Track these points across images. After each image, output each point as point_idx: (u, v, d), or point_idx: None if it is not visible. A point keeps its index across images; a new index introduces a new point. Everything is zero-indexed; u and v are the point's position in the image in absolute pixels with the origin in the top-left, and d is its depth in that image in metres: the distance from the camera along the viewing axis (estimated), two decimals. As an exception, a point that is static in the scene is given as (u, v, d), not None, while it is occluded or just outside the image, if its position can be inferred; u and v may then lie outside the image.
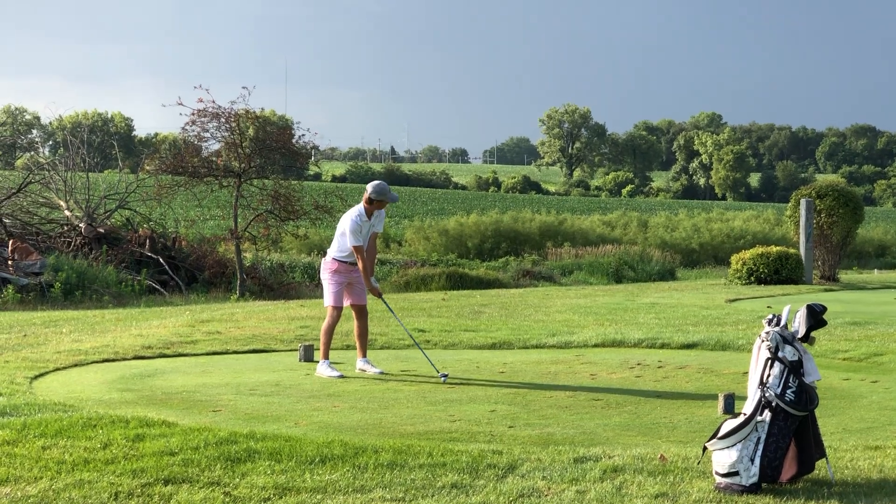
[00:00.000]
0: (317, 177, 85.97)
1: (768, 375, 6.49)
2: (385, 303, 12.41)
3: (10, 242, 26.81)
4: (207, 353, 13.09)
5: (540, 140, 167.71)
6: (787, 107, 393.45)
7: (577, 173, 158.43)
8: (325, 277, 11.65)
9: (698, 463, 6.84)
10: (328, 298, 11.61)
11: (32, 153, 41.06)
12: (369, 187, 11.49)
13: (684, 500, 6.13)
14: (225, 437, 7.41)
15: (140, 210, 32.57)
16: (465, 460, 6.89)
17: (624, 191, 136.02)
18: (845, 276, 31.59)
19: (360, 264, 11.42)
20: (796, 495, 6.27)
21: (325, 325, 11.64)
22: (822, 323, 6.65)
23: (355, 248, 11.34)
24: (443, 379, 10.86)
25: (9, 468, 6.68)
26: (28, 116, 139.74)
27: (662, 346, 13.71)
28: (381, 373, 11.45)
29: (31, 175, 31.78)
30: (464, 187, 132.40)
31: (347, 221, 11.42)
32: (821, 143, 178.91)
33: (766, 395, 6.46)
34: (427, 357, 11.63)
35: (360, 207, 11.50)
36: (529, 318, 17.24)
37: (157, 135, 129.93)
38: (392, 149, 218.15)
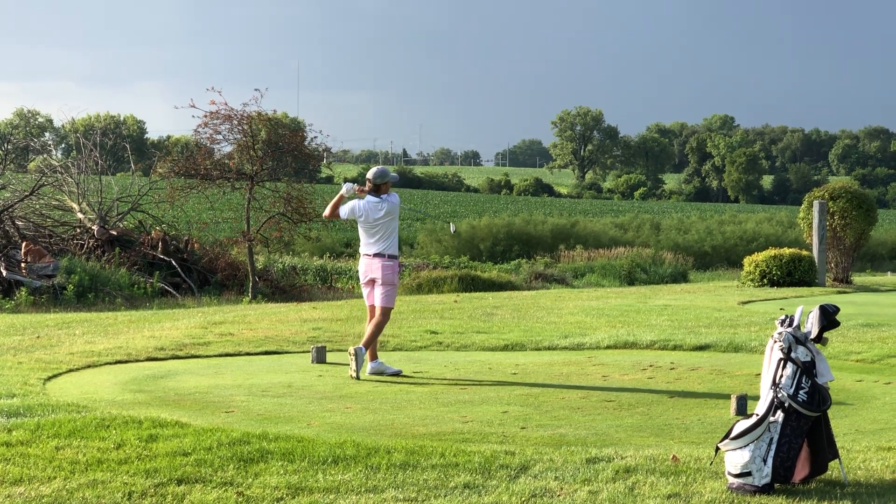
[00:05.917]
0: (329, 179, 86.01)
1: (781, 376, 6.49)
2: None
3: (23, 245, 26.89)
4: (220, 355, 13.11)
5: (552, 142, 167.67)
6: (800, 109, 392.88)
7: (589, 176, 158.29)
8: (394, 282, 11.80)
9: (711, 463, 6.84)
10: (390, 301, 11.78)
11: (45, 156, 41.03)
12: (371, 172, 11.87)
13: (697, 501, 6.13)
14: (238, 438, 7.44)
15: (152, 212, 32.63)
16: (478, 461, 6.90)
17: (636, 193, 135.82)
18: (858, 278, 31.49)
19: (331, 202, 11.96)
20: (809, 496, 6.27)
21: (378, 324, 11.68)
22: (835, 324, 6.64)
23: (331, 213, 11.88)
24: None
25: (23, 468, 6.71)
26: (41, 119, 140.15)
27: (675, 348, 13.69)
28: (380, 372, 11.43)
29: (43, 178, 31.82)
30: (476, 190, 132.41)
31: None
32: (834, 145, 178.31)
33: (779, 395, 6.46)
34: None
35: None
36: (541, 319, 17.23)
37: (169, 137, 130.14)
38: (404, 151, 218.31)
